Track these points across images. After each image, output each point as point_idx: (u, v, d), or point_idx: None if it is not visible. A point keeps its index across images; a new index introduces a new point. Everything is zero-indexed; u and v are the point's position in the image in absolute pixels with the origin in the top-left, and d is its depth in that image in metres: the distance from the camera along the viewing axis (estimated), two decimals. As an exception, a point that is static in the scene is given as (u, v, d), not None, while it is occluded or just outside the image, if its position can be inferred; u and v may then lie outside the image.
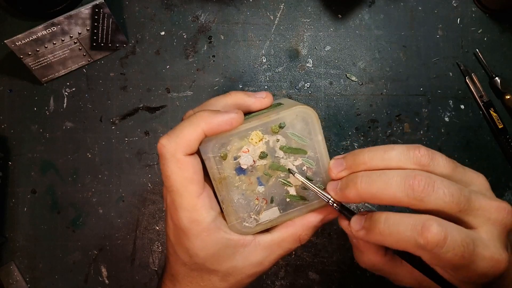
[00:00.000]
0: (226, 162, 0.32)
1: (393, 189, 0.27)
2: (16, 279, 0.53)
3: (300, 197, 0.34)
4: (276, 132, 0.32)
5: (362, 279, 0.54)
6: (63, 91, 0.55)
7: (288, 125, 0.32)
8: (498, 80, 0.55)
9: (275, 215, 0.34)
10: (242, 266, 0.32)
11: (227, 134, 0.31)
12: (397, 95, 0.56)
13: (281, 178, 0.33)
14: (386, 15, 0.57)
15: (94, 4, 0.51)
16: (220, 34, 0.56)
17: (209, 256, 0.31)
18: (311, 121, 0.32)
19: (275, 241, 0.33)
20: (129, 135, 0.55)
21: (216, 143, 0.31)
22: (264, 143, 0.32)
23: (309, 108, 0.32)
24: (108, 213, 0.54)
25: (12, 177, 0.54)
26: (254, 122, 0.31)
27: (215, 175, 0.32)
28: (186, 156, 0.30)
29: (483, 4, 0.56)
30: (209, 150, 0.31)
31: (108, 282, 0.54)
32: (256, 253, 0.33)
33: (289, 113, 0.32)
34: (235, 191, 0.32)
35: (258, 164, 0.32)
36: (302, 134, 0.32)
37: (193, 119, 0.30)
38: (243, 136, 0.31)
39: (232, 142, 0.31)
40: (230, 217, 0.32)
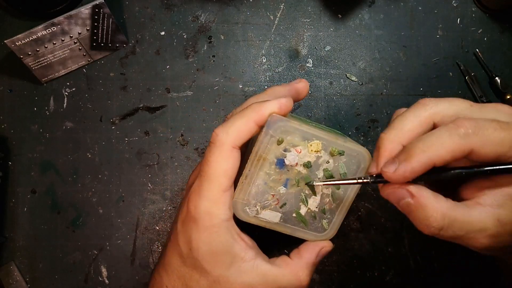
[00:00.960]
0: (276, 147, 0.32)
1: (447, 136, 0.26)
2: (16, 279, 0.53)
3: (304, 220, 0.34)
4: (333, 155, 0.33)
5: (362, 279, 0.54)
6: (63, 91, 0.55)
7: (344, 157, 0.33)
8: (498, 80, 0.55)
9: (274, 219, 0.34)
10: (233, 281, 0.32)
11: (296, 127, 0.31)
12: (397, 95, 0.56)
13: (304, 194, 0.34)
14: (386, 15, 0.57)
15: (94, 4, 0.51)
16: (220, 34, 0.56)
17: (208, 253, 0.31)
18: (363, 168, 0.33)
19: (272, 273, 0.33)
20: (129, 135, 0.55)
21: (283, 127, 0.31)
22: (316, 156, 0.33)
23: (370, 156, 0.33)
24: (108, 213, 0.54)
25: (12, 177, 0.54)
26: (324, 134, 0.32)
27: (260, 150, 0.32)
28: (233, 148, 0.31)
29: (483, 4, 0.56)
30: (273, 128, 0.31)
31: (108, 282, 0.54)
32: (250, 275, 0.32)
33: (353, 148, 0.33)
34: (261, 176, 0.33)
35: (298, 168, 0.33)
36: (348, 172, 0.33)
37: (245, 112, 0.31)
38: (306, 138, 0.32)
39: (294, 135, 0.32)
40: (240, 194, 0.33)
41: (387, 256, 0.54)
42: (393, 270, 0.54)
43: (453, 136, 0.26)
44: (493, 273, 0.53)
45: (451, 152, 0.26)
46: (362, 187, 0.33)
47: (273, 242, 0.42)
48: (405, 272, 0.54)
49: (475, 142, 0.26)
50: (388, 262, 0.54)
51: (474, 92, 0.56)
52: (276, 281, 0.33)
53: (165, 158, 0.55)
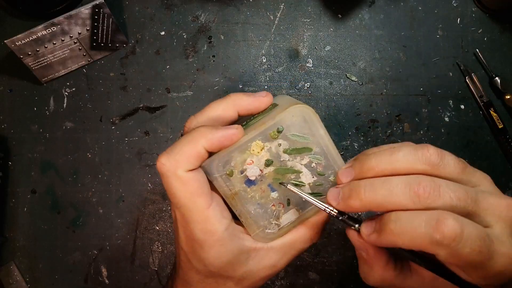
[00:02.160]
0: (234, 178, 0.31)
1: (398, 197, 0.26)
2: (16, 279, 0.53)
3: (316, 193, 0.33)
4: (276, 137, 0.31)
5: (362, 279, 0.54)
6: (63, 91, 0.55)
7: (286, 127, 0.31)
8: (498, 80, 0.55)
9: (295, 216, 0.34)
10: (256, 270, 0.33)
11: (228, 151, 0.30)
12: (397, 95, 0.56)
13: (293, 180, 0.33)
14: (386, 15, 0.57)
15: (94, 4, 0.51)
16: (220, 34, 0.56)
17: (223, 264, 0.32)
18: (309, 118, 0.32)
19: (287, 243, 0.33)
20: (129, 135, 0.55)
21: (219, 162, 0.31)
22: (267, 151, 0.32)
23: (304, 105, 0.31)
24: (108, 213, 0.54)
25: (12, 177, 0.54)
26: (251, 133, 0.31)
27: (226, 192, 0.31)
28: (187, 172, 0.29)
29: (483, 4, 0.56)
30: (214, 171, 0.31)
31: (108, 282, 0.54)
32: (269, 257, 0.33)
33: (284, 116, 0.31)
34: (250, 203, 0.32)
35: (266, 172, 0.32)
36: (303, 133, 0.32)
37: (192, 135, 0.30)
38: (244, 149, 0.31)
39: (235, 157, 0.31)
40: (252, 228, 0.33)
41: (387, 256, 0.54)
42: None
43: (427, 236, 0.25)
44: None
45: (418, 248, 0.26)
46: None
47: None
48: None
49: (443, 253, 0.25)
50: (388, 262, 0.54)
51: (474, 92, 0.56)
52: (292, 247, 0.33)
53: (165, 158, 0.55)
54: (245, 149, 0.31)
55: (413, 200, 0.26)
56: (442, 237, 0.24)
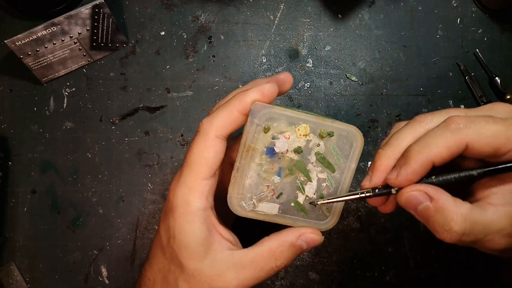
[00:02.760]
0: (263, 136, 0.31)
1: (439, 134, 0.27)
2: (16, 279, 0.53)
3: (303, 208, 0.33)
4: (323, 137, 0.32)
5: (362, 279, 0.54)
6: (63, 91, 0.55)
7: (334, 138, 0.32)
8: (498, 80, 0.55)
9: (273, 211, 0.33)
10: (208, 274, 0.31)
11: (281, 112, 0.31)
12: (397, 95, 0.56)
13: (299, 181, 0.33)
14: (386, 15, 0.56)
15: (94, 4, 0.51)
16: (220, 34, 0.56)
17: (183, 243, 0.31)
18: (356, 146, 0.32)
19: (248, 257, 0.32)
20: (129, 135, 0.55)
21: (267, 114, 0.31)
22: (306, 140, 0.32)
23: (361, 134, 0.32)
24: (108, 213, 0.54)
25: (12, 177, 0.54)
26: (310, 117, 0.31)
27: (247, 141, 0.31)
28: (216, 138, 0.31)
29: (483, 4, 0.56)
30: (257, 116, 0.31)
31: (108, 282, 0.54)
32: (225, 264, 0.31)
33: (342, 128, 0.32)
34: (253, 167, 0.32)
35: (289, 155, 0.32)
36: (341, 153, 0.32)
37: (229, 102, 0.31)
38: (293, 123, 0.31)
39: (280, 121, 0.31)
40: (234, 188, 0.32)
41: (387, 256, 0.54)
42: (393, 270, 0.54)
43: (445, 132, 0.27)
44: (492, 273, 0.53)
45: (446, 148, 0.27)
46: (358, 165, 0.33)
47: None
48: (405, 272, 0.54)
49: (468, 136, 0.26)
50: (388, 262, 0.54)
51: (474, 92, 0.56)
52: (253, 263, 0.32)
53: (165, 158, 0.55)
54: (293, 123, 0.31)
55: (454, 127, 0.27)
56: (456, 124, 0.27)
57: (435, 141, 0.27)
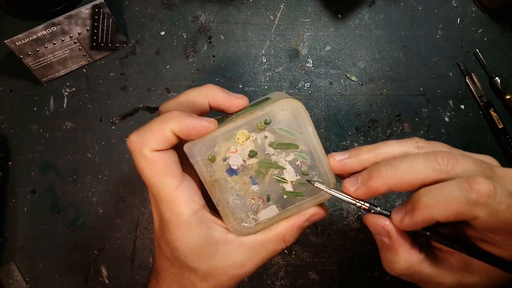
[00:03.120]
0: (215, 164, 0.31)
1: (419, 167, 0.26)
2: (16, 279, 0.53)
3: (297, 193, 0.33)
4: (262, 129, 0.31)
5: (362, 279, 0.54)
6: (63, 91, 0.55)
7: (275, 121, 0.31)
8: (498, 80, 0.55)
9: (274, 213, 0.33)
10: (223, 266, 0.32)
11: (212, 136, 0.30)
12: (397, 95, 0.56)
13: (275, 175, 0.32)
14: (386, 15, 0.56)
15: (94, 4, 0.51)
16: (220, 34, 0.56)
17: (188, 251, 0.31)
18: (299, 114, 0.31)
19: (259, 242, 0.32)
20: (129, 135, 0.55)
21: (203, 146, 0.30)
22: (252, 141, 0.31)
23: (295, 100, 0.31)
24: (108, 213, 0.54)
25: (12, 177, 0.54)
26: (238, 121, 0.30)
27: (206, 178, 0.31)
28: (154, 152, 0.30)
29: (483, 4, 0.56)
30: (196, 154, 0.30)
31: (108, 282, 0.54)
32: (238, 253, 0.32)
33: (274, 108, 0.31)
34: (229, 192, 0.32)
35: (249, 163, 0.31)
36: (291, 128, 0.31)
37: (163, 117, 0.30)
38: (229, 136, 0.30)
39: (219, 143, 0.30)
40: (228, 218, 0.32)
41: (387, 256, 0.54)
42: (393, 270, 0.54)
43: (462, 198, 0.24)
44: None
45: (456, 214, 0.25)
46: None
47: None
48: (405, 272, 0.54)
49: (483, 213, 0.24)
50: (388, 262, 0.54)
51: (474, 92, 0.56)
52: (264, 247, 0.32)
53: (165, 158, 0.55)
54: (230, 136, 0.30)
55: (434, 168, 0.26)
56: (478, 195, 0.24)
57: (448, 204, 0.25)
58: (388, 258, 0.30)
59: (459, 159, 0.26)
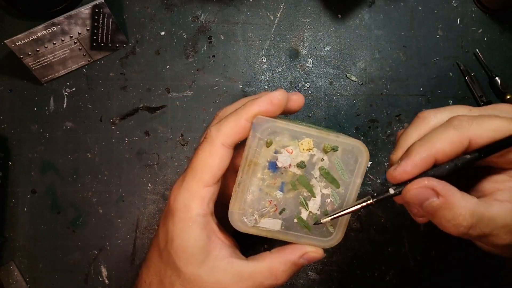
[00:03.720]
0: (266, 150, 0.31)
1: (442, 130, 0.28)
2: (16, 279, 0.53)
3: (306, 225, 0.32)
4: (327, 151, 0.31)
5: (362, 279, 0.54)
6: (63, 91, 0.55)
7: (339, 152, 0.31)
8: (498, 80, 0.55)
9: (275, 227, 0.32)
10: (205, 280, 0.31)
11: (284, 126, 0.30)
12: (397, 95, 0.56)
13: (302, 197, 0.32)
14: (386, 15, 0.56)
15: (94, 4, 0.51)
16: (220, 34, 0.56)
17: (181, 248, 0.31)
18: (361, 162, 0.32)
19: (248, 269, 0.32)
20: (129, 135, 0.55)
21: (270, 128, 0.30)
22: (309, 155, 0.31)
23: (366, 149, 0.31)
24: (108, 213, 0.54)
25: (12, 177, 0.54)
26: (314, 131, 0.31)
27: (249, 155, 0.31)
28: (222, 146, 0.31)
29: (483, 4, 0.56)
30: (260, 130, 0.30)
31: (108, 282, 0.54)
32: (224, 273, 0.31)
33: (347, 142, 0.31)
34: (255, 182, 0.31)
35: (292, 170, 0.31)
36: (346, 168, 0.32)
37: (238, 110, 0.31)
38: (296, 137, 0.31)
39: (283, 135, 0.31)
40: (236, 203, 0.31)
41: (387, 256, 0.54)
42: (393, 270, 0.54)
43: (448, 128, 0.27)
44: (492, 273, 0.53)
45: (449, 144, 0.27)
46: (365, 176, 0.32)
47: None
48: (405, 272, 0.54)
49: (470, 131, 0.27)
50: (388, 262, 0.54)
51: (474, 92, 0.56)
52: (252, 277, 0.32)
53: (165, 158, 0.55)
54: (296, 137, 0.31)
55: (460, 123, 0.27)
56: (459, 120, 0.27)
57: (438, 137, 0.27)
58: (448, 217, 0.27)
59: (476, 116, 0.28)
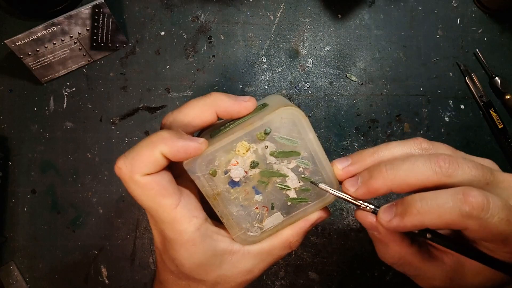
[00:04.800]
0: (217, 178, 0.30)
1: (420, 169, 0.26)
2: (16, 279, 0.53)
3: (301, 199, 0.33)
4: (263, 139, 0.30)
5: (362, 279, 0.54)
6: (63, 91, 0.55)
7: (274, 129, 0.30)
8: (498, 80, 0.55)
9: (279, 220, 0.33)
10: (230, 274, 0.32)
11: (212, 150, 0.29)
12: (397, 95, 0.56)
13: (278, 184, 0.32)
14: (386, 15, 0.56)
15: (94, 4, 0.51)
16: (220, 34, 0.56)
17: (195, 266, 0.31)
18: (298, 121, 0.30)
19: (265, 249, 0.33)
20: (129, 135, 0.55)
21: (202, 161, 0.30)
22: (253, 152, 0.30)
23: (294, 107, 0.30)
24: (108, 213, 0.54)
25: (12, 177, 0.54)
26: (237, 133, 0.30)
27: (208, 192, 0.31)
28: (145, 176, 0.28)
29: (483, 4, 0.56)
30: (197, 170, 0.29)
31: (108, 282, 0.54)
32: (245, 261, 0.32)
33: (273, 117, 0.30)
34: (232, 204, 0.32)
35: (251, 173, 0.31)
36: (291, 136, 0.31)
37: (152, 139, 0.28)
38: (229, 149, 0.30)
39: (219, 157, 0.30)
40: (234, 229, 0.32)
41: (387, 256, 0.54)
42: (393, 270, 0.54)
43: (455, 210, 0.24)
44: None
45: (447, 224, 0.25)
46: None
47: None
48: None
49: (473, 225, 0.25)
50: (388, 262, 0.54)
51: (474, 92, 0.56)
52: (270, 253, 0.33)
53: (165, 158, 0.55)
54: (230, 149, 0.30)
55: (435, 170, 0.26)
56: (471, 208, 0.24)
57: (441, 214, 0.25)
58: (380, 249, 0.31)
59: (460, 162, 0.26)
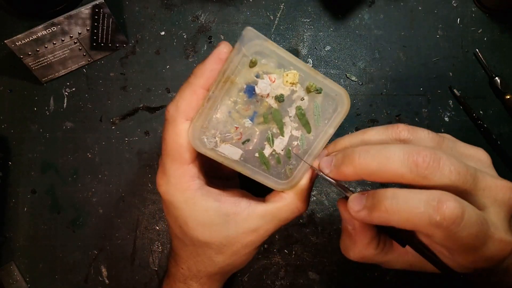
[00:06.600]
0: (247, 70, 0.28)
1: (395, 164, 0.24)
2: (16, 279, 0.53)
3: (266, 162, 0.30)
4: (309, 91, 0.29)
5: (362, 279, 0.54)
6: (63, 91, 0.55)
7: (321, 96, 0.29)
8: (498, 80, 0.55)
9: (234, 157, 0.30)
10: (235, 235, 0.31)
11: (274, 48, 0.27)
12: (397, 95, 0.56)
13: (271, 132, 0.30)
14: (386, 15, 0.56)
15: (94, 4, 0.51)
16: (220, 34, 0.56)
17: (198, 225, 0.31)
18: (339, 112, 0.30)
19: (270, 211, 0.32)
20: (129, 135, 0.55)
21: (259, 46, 0.27)
22: (291, 90, 0.29)
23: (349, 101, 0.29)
24: (108, 213, 0.54)
25: (12, 177, 0.54)
26: (303, 66, 0.28)
27: (228, 70, 0.28)
28: (186, 122, 0.30)
29: (483, 4, 0.56)
30: (247, 45, 0.27)
31: (108, 282, 0.54)
32: (249, 221, 0.32)
33: (333, 88, 0.29)
34: (226, 102, 0.29)
35: (268, 101, 0.29)
36: (323, 115, 0.30)
37: (189, 80, 0.30)
38: (283, 65, 0.28)
39: (270, 60, 0.28)
40: (199, 119, 0.29)
41: (387, 256, 0.54)
42: (393, 270, 0.54)
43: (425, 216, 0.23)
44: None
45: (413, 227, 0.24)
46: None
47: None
48: (405, 272, 0.54)
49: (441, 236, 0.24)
50: (388, 262, 0.54)
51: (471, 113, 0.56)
52: (276, 216, 0.32)
53: (165, 158, 0.55)
54: (283, 66, 0.28)
55: (410, 168, 0.24)
56: (442, 219, 0.22)
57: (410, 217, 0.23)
58: (346, 244, 0.30)
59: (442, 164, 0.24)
